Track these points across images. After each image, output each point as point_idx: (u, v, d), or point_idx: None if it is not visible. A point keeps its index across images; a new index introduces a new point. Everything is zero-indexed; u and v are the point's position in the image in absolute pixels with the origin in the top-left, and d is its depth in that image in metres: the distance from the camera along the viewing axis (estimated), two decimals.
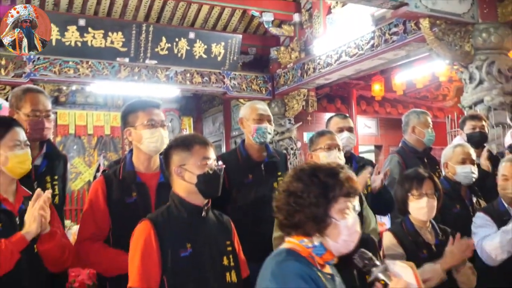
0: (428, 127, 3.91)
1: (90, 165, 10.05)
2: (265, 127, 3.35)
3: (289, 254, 1.66)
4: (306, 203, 1.66)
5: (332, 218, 1.65)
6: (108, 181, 2.68)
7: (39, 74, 6.95)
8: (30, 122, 2.83)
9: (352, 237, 1.67)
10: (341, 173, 1.70)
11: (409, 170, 3.00)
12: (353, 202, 1.70)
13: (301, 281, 1.55)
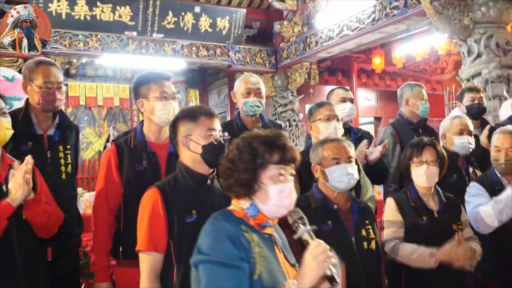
0: (421, 99, 3.85)
1: (100, 135, 10.06)
2: (252, 101, 3.33)
3: (224, 214, 1.70)
4: (237, 168, 1.70)
5: (261, 184, 1.68)
6: (119, 149, 2.68)
7: (50, 47, 6.89)
8: (42, 93, 2.82)
9: (282, 202, 1.68)
10: (276, 141, 1.71)
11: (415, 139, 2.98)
12: (288, 169, 1.71)
13: (226, 240, 1.58)
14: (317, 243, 1.58)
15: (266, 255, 1.64)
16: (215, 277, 1.55)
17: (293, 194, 1.72)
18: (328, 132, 3.10)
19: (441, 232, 2.70)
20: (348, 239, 2.44)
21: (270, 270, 1.61)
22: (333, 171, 2.52)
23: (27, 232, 2.34)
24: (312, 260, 1.54)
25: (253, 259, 1.59)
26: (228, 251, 1.57)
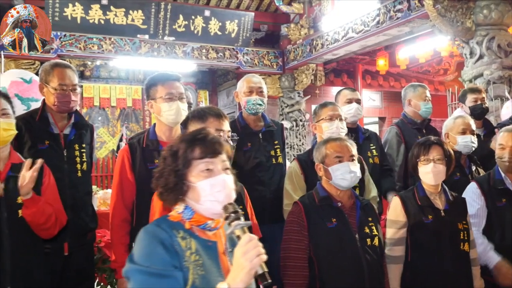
0: (424, 100, 3.84)
1: (113, 135, 10.11)
2: (254, 99, 3.33)
3: (158, 220, 1.59)
4: (163, 175, 1.60)
5: (190, 183, 1.56)
6: (132, 149, 2.70)
7: (66, 50, 6.95)
8: (57, 95, 2.84)
9: (216, 197, 1.54)
10: (195, 136, 1.61)
11: (422, 138, 2.95)
12: (216, 162, 1.58)
13: (159, 246, 1.47)
14: (248, 238, 1.41)
15: (205, 263, 1.51)
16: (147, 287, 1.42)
17: (228, 187, 1.58)
18: (330, 132, 3.10)
19: (447, 231, 2.67)
20: (352, 235, 2.43)
21: (207, 280, 1.47)
22: (336, 169, 2.51)
23: (21, 229, 2.33)
24: (241, 258, 1.38)
25: (185, 268, 1.47)
26: (161, 259, 1.45)
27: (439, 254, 2.64)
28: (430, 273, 2.64)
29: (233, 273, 1.40)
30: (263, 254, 1.39)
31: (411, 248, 2.71)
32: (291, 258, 2.42)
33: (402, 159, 3.72)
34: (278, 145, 3.41)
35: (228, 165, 1.63)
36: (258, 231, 2.43)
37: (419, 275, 2.66)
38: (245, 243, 1.40)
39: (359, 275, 2.37)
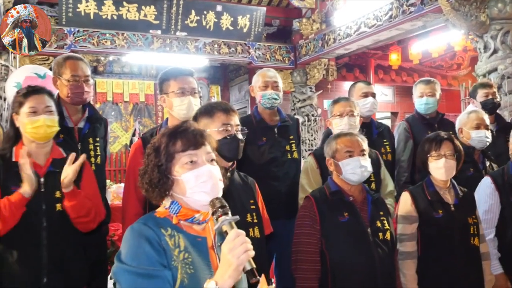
0: (419, 96, 3.82)
1: (126, 130, 10.17)
2: (269, 94, 3.32)
3: (144, 218, 1.55)
4: (147, 171, 1.58)
5: (174, 177, 1.53)
6: (145, 143, 2.70)
7: (79, 46, 6.98)
8: (70, 86, 2.86)
9: (202, 188, 1.50)
10: (177, 129, 1.59)
11: (432, 133, 2.93)
12: (200, 154, 1.55)
13: (146, 244, 1.43)
14: (235, 234, 1.36)
15: (194, 261, 1.48)
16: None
17: (214, 176, 1.54)
18: (340, 128, 3.09)
19: (457, 226, 2.66)
20: (364, 230, 2.43)
21: (197, 278, 1.43)
22: (347, 164, 2.50)
23: (59, 223, 2.37)
24: (228, 254, 1.34)
25: (174, 268, 1.43)
26: (148, 258, 1.41)
27: (450, 248, 2.63)
28: (441, 268, 2.63)
29: (221, 270, 1.36)
30: (250, 250, 1.36)
31: (422, 243, 2.71)
32: (303, 252, 2.42)
33: (409, 154, 3.71)
34: (294, 140, 3.40)
35: (214, 156, 1.60)
36: (270, 226, 2.43)
37: (430, 270, 2.66)
38: (232, 239, 1.36)
39: (371, 269, 2.36)
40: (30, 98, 2.37)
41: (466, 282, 2.62)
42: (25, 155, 2.26)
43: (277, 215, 2.72)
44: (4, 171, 2.32)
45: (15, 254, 2.28)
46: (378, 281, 2.36)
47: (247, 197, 2.29)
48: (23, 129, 2.36)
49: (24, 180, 2.24)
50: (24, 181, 2.24)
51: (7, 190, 2.28)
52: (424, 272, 2.67)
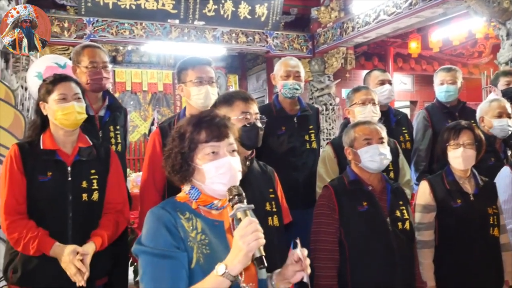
0: (440, 84, 3.75)
1: (145, 119, 10.23)
2: (290, 83, 3.30)
3: (164, 203, 1.63)
4: (171, 156, 1.63)
5: (196, 165, 1.59)
6: (163, 132, 2.72)
7: (98, 36, 7.01)
8: (89, 73, 2.89)
9: (220, 179, 1.56)
10: (202, 119, 1.63)
11: (452, 122, 2.89)
12: (222, 145, 1.60)
13: (163, 229, 1.51)
14: (248, 221, 1.42)
15: (211, 242, 1.54)
16: (151, 267, 1.47)
17: (233, 168, 1.59)
18: (363, 116, 3.06)
19: (476, 216, 2.63)
20: (383, 219, 2.41)
21: (213, 259, 1.48)
22: (365, 152, 2.48)
23: (84, 212, 2.39)
24: (239, 240, 1.39)
25: (189, 248, 1.51)
26: (164, 241, 1.49)
27: (468, 238, 2.61)
28: (458, 257, 2.62)
29: (232, 255, 1.42)
30: (261, 238, 1.40)
31: (439, 232, 2.69)
32: (322, 241, 2.42)
33: (427, 143, 3.67)
34: (313, 130, 3.38)
35: (235, 147, 1.65)
36: (289, 215, 2.43)
37: (447, 259, 2.64)
38: (244, 226, 1.41)
39: (390, 258, 2.35)
40: (59, 85, 2.39)
41: (484, 273, 2.60)
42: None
43: (295, 204, 2.72)
44: (32, 159, 2.33)
45: None
46: (397, 271, 2.35)
47: (266, 186, 2.29)
48: (53, 116, 2.37)
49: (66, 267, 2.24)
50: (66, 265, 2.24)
51: (34, 179, 2.31)
52: (441, 261, 2.66)
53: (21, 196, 2.28)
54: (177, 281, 1.46)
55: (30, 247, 2.22)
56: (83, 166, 2.40)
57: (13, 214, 2.26)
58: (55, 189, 2.31)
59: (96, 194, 2.41)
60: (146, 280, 1.47)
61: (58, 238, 2.30)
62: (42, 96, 2.41)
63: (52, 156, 2.35)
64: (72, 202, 2.34)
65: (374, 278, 2.34)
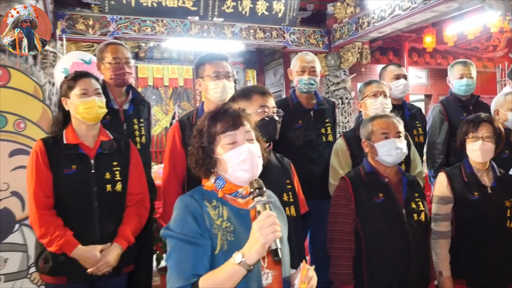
0: (458, 77, 3.67)
1: (166, 113, 10.29)
2: (306, 79, 3.29)
3: (193, 191, 1.67)
4: (193, 152, 1.67)
5: (217, 156, 1.61)
6: (182, 126, 2.74)
7: (121, 33, 7.05)
8: (112, 68, 2.94)
9: (241, 166, 1.59)
10: (218, 112, 1.66)
11: (472, 115, 2.84)
12: (239, 133, 1.62)
13: (189, 216, 1.55)
14: (267, 215, 1.44)
15: (236, 230, 1.57)
16: (176, 251, 1.53)
17: (253, 155, 1.61)
18: (374, 108, 3.04)
19: (494, 208, 2.59)
20: (399, 211, 2.40)
21: (237, 246, 1.49)
22: (382, 146, 2.46)
23: (109, 203, 2.41)
24: (257, 232, 1.42)
25: (214, 235, 1.54)
26: (190, 228, 1.53)
27: (485, 231, 2.57)
28: (474, 249, 2.58)
29: (249, 245, 1.44)
30: (278, 231, 1.42)
31: (456, 224, 2.66)
32: (338, 231, 2.41)
33: (444, 136, 3.62)
34: (329, 124, 3.37)
35: (253, 136, 1.67)
36: (305, 206, 2.42)
37: (463, 251, 2.60)
38: (263, 219, 1.43)
39: (405, 249, 2.34)
40: (80, 81, 2.42)
41: (500, 264, 2.56)
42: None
43: (311, 195, 2.72)
44: (56, 153, 2.36)
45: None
46: (412, 261, 2.34)
47: (283, 177, 2.29)
48: (75, 111, 2.40)
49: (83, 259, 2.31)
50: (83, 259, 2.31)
51: (59, 172, 2.34)
52: (457, 252, 2.63)
53: (48, 190, 2.31)
54: (198, 267, 1.49)
55: (54, 244, 2.25)
56: (106, 159, 2.43)
57: (43, 208, 2.29)
58: (80, 181, 2.34)
59: (119, 185, 2.44)
60: (171, 262, 1.53)
61: (86, 228, 2.34)
62: (64, 92, 2.44)
63: (75, 150, 2.38)
64: (97, 193, 2.36)
65: (389, 267, 2.33)
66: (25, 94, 3.04)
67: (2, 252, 2.89)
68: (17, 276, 2.91)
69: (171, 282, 1.51)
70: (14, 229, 2.92)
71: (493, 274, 2.55)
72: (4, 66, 3.07)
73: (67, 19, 6.76)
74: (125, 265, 2.48)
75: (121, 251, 2.39)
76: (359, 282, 2.38)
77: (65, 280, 2.32)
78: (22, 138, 2.98)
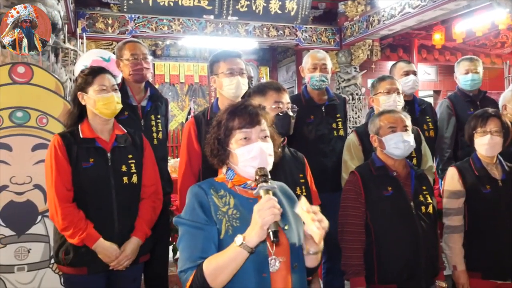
0: (464, 73, 3.62)
1: (182, 109, 10.30)
2: (317, 76, 3.27)
3: (203, 182, 1.70)
4: (209, 142, 1.70)
5: (230, 149, 1.64)
6: (197, 121, 2.73)
7: (139, 31, 7.07)
8: (131, 65, 2.95)
9: (251, 162, 1.60)
10: (237, 108, 1.67)
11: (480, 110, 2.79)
12: (254, 131, 1.63)
13: (196, 204, 1.59)
14: (267, 198, 1.45)
15: (242, 217, 1.59)
16: (186, 237, 1.57)
17: (264, 153, 1.61)
18: (388, 105, 3.00)
19: (505, 200, 2.55)
20: (408, 203, 2.37)
21: (242, 231, 1.49)
22: (390, 139, 2.44)
23: (127, 194, 2.41)
24: (256, 214, 1.43)
25: (218, 220, 1.57)
26: (198, 215, 1.57)
27: (497, 223, 2.53)
28: (488, 242, 2.54)
29: (250, 228, 1.46)
30: (277, 215, 1.42)
31: (469, 217, 2.62)
32: (349, 224, 2.39)
33: (452, 130, 3.59)
34: (340, 119, 3.35)
35: (267, 133, 1.67)
36: (317, 199, 2.40)
37: (477, 244, 2.56)
38: (263, 202, 1.44)
39: (414, 240, 2.31)
40: (98, 77, 2.41)
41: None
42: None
43: (324, 188, 2.70)
44: (74, 147, 2.35)
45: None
46: (421, 252, 2.31)
47: (297, 171, 2.28)
48: (93, 106, 2.39)
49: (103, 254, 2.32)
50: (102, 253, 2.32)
51: (78, 166, 2.33)
52: (471, 246, 2.59)
53: (68, 183, 2.31)
54: (205, 250, 1.53)
55: (77, 236, 2.26)
56: (121, 152, 2.42)
57: (64, 201, 2.28)
58: (98, 174, 2.33)
59: (135, 177, 2.44)
60: (182, 247, 1.58)
61: (105, 220, 2.34)
62: (81, 87, 2.42)
63: (92, 144, 2.37)
64: (115, 185, 2.36)
65: (399, 258, 2.31)
66: (47, 90, 3.05)
67: (26, 243, 2.91)
68: (40, 266, 2.93)
69: (180, 264, 1.55)
70: (37, 221, 2.94)
71: (507, 265, 2.51)
72: (27, 64, 3.07)
73: (87, 18, 6.79)
74: (141, 255, 2.49)
75: (139, 244, 2.39)
76: (370, 272, 2.37)
77: (86, 271, 2.33)
78: (44, 133, 2.99)
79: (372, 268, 2.36)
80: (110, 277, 2.41)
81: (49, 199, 2.35)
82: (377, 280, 2.34)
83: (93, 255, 2.30)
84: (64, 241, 2.34)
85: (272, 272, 1.55)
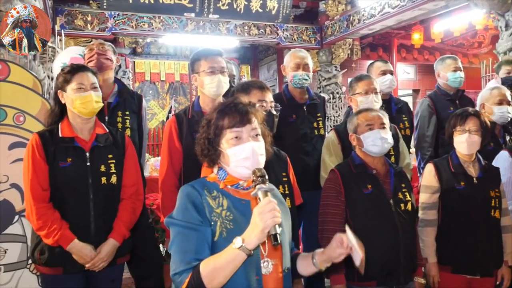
0: (452, 70, 3.67)
1: (163, 107, 10.23)
2: (300, 75, 3.28)
3: (195, 181, 1.66)
4: (199, 142, 1.67)
5: (221, 149, 1.61)
6: (179, 120, 2.71)
7: (119, 29, 7.00)
8: (87, 56, 3.10)
9: (243, 163, 1.56)
10: (227, 107, 1.63)
11: (460, 109, 2.84)
12: (245, 130, 1.59)
13: (189, 205, 1.55)
14: (267, 201, 1.42)
15: (236, 219, 1.56)
16: (179, 238, 1.53)
17: (255, 153, 1.58)
18: (366, 106, 3.02)
19: (479, 198, 2.61)
20: (387, 201, 2.39)
21: (236, 233, 1.47)
22: (368, 136, 2.46)
23: (104, 195, 2.38)
24: (257, 217, 1.40)
25: (213, 222, 1.54)
26: (191, 215, 1.54)
27: (470, 219, 2.59)
28: (460, 237, 2.60)
29: (249, 230, 1.43)
30: (278, 217, 1.40)
31: (443, 212, 2.68)
32: (329, 222, 2.40)
33: (433, 129, 3.63)
34: (321, 118, 3.38)
35: (259, 132, 1.63)
36: (300, 197, 2.41)
37: (449, 238, 2.62)
38: (263, 205, 1.41)
39: (394, 237, 2.34)
40: (77, 75, 2.37)
41: (485, 252, 2.58)
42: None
43: (306, 186, 2.71)
44: (52, 146, 2.31)
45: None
46: (401, 249, 2.34)
47: (280, 170, 2.28)
48: (71, 105, 2.35)
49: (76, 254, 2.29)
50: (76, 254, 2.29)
51: (55, 165, 2.29)
52: (444, 240, 2.64)
53: (45, 183, 2.27)
54: (199, 252, 1.50)
55: (51, 237, 2.23)
56: (101, 152, 2.39)
57: (40, 201, 2.25)
58: (75, 174, 2.30)
59: (114, 177, 2.41)
60: (174, 248, 1.54)
61: (82, 219, 2.31)
62: (60, 85, 2.39)
63: (71, 143, 2.34)
64: (92, 185, 2.33)
65: (379, 255, 2.32)
66: (24, 88, 2.99)
67: (2, 243, 2.86)
68: (17, 266, 2.88)
69: (174, 266, 1.51)
70: (13, 221, 2.89)
71: (477, 261, 2.57)
72: (4, 61, 3.01)
73: (66, 15, 6.68)
74: (119, 256, 2.46)
75: (116, 246, 2.36)
76: (350, 270, 2.37)
77: (61, 271, 2.30)
78: (21, 131, 2.93)
79: (352, 265, 2.37)
80: (88, 277, 2.39)
81: (25, 198, 2.32)
82: (357, 277, 2.35)
83: (68, 255, 2.27)
84: (40, 240, 2.30)
85: (265, 274, 1.54)
